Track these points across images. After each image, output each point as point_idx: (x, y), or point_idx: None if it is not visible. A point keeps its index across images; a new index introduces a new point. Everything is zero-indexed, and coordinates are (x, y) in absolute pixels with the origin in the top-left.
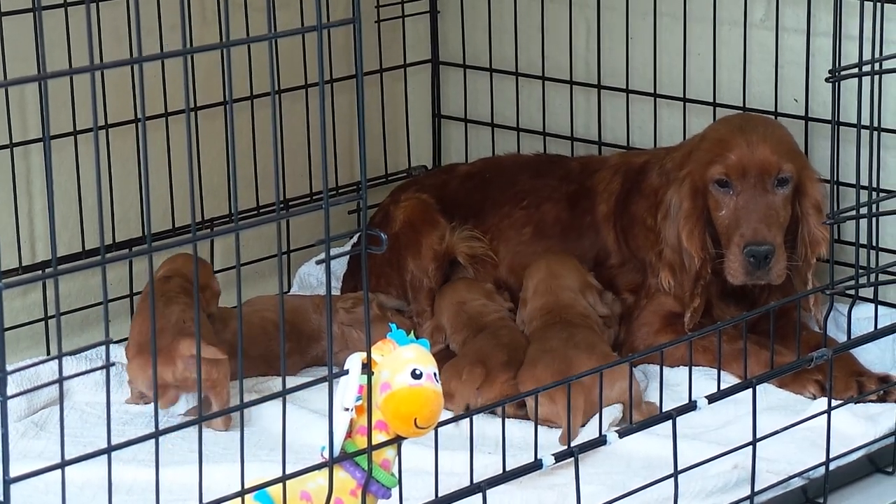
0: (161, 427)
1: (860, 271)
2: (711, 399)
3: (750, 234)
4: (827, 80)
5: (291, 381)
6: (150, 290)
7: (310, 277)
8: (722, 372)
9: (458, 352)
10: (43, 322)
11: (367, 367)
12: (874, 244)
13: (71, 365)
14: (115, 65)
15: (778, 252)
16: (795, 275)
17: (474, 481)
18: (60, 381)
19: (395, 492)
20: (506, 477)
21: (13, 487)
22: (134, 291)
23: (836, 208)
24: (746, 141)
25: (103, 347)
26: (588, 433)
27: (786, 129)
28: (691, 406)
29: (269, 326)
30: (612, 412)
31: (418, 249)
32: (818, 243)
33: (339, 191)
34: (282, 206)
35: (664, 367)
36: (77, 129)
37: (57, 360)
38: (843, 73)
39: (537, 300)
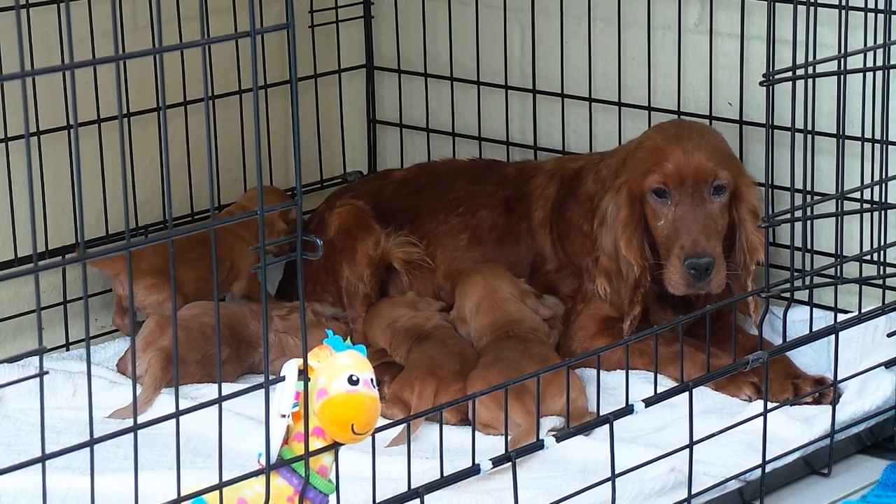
0: (96, 435)
1: (795, 274)
2: (648, 402)
3: (690, 246)
4: (761, 83)
5: (228, 388)
6: (85, 303)
7: None
8: (658, 375)
9: (405, 362)
10: None
11: (304, 374)
12: (809, 247)
13: (4, 373)
14: (46, 71)
15: (718, 262)
16: (734, 281)
17: (412, 487)
18: None
19: (332, 498)
20: (444, 482)
21: None
22: (67, 299)
23: (770, 212)
24: (683, 149)
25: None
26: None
27: (721, 135)
28: (628, 410)
29: (209, 331)
30: (553, 419)
31: (353, 255)
32: (756, 249)
33: None
34: (216, 212)
35: (601, 371)
36: (8, 136)
37: None
38: (776, 76)
39: (483, 318)
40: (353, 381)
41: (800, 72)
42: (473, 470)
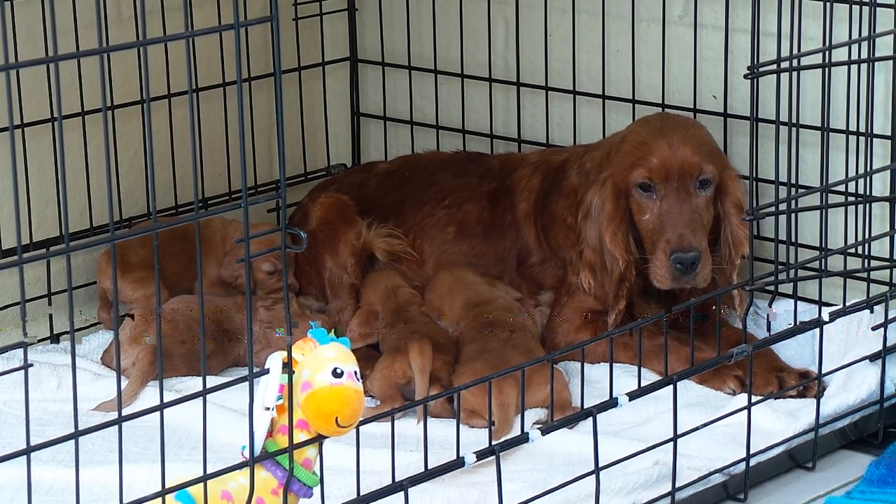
0: (81, 427)
1: (779, 267)
2: (632, 396)
3: (676, 240)
4: (745, 76)
5: (212, 381)
6: (69, 296)
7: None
8: (643, 369)
9: (382, 341)
10: None
11: (288, 366)
12: (793, 240)
13: None
14: (30, 63)
15: (704, 256)
16: (719, 274)
17: (396, 479)
18: None
19: (316, 491)
20: (428, 475)
21: None
22: (52, 291)
23: (755, 205)
24: (668, 143)
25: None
26: (510, 431)
27: (705, 128)
28: (612, 403)
29: (195, 325)
30: (538, 412)
31: (335, 246)
32: (741, 243)
33: (258, 190)
34: (200, 205)
35: (585, 364)
36: None
37: None
38: (761, 69)
39: (456, 299)
40: (337, 374)
41: (784, 64)
42: (458, 463)
